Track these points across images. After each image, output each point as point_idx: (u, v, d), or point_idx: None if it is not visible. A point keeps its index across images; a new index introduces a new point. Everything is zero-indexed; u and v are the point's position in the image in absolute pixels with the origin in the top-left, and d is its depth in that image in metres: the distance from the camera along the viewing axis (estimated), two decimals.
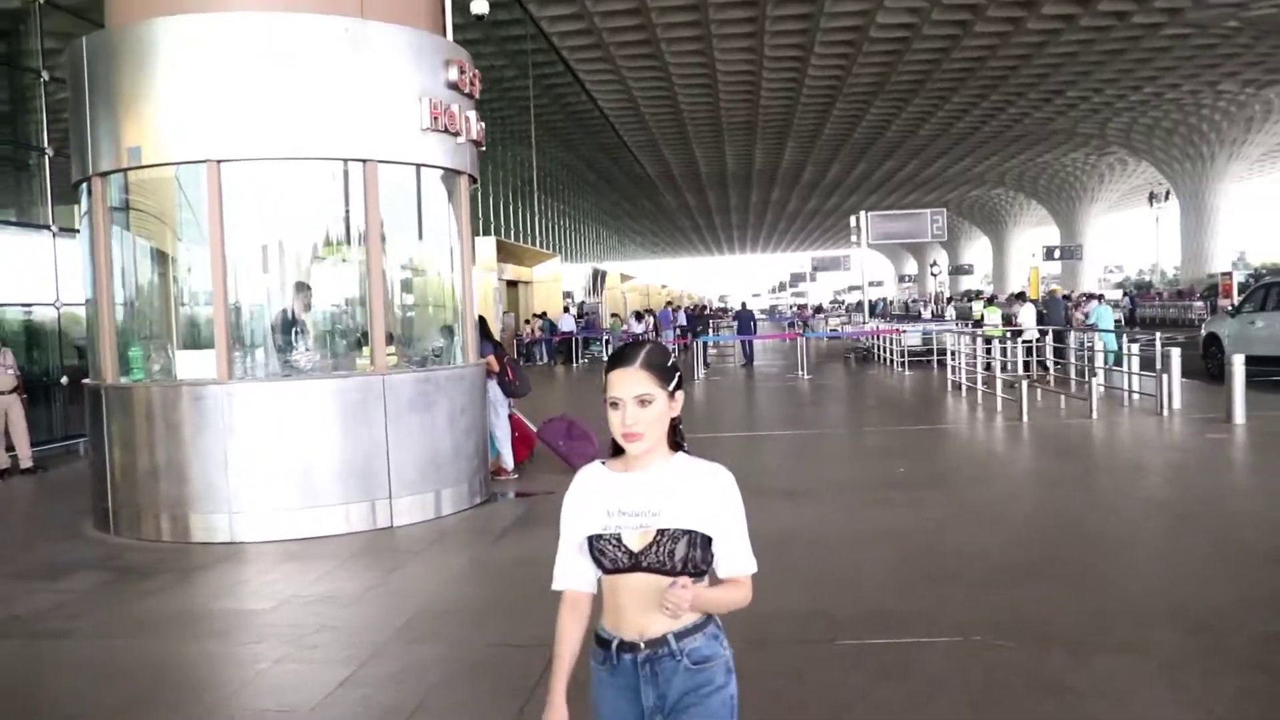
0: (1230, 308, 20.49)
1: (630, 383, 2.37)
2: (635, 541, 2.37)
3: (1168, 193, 50.70)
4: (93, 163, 8.77)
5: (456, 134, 9.23)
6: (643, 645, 2.39)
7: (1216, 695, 4.61)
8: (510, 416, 11.05)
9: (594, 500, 2.45)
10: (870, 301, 40.19)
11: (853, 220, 32.88)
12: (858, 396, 19.61)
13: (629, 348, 2.46)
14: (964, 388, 17.67)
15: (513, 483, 10.61)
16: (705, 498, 2.40)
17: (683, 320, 39.55)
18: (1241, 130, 44.94)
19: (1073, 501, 9.12)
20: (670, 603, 2.25)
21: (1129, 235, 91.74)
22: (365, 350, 8.98)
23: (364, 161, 8.67)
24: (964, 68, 38.16)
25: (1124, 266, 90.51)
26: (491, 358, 10.48)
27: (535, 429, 11.38)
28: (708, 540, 2.37)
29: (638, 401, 2.36)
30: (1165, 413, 13.41)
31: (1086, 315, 20.61)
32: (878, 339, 27.69)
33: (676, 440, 2.46)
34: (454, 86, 9.19)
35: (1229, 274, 37.59)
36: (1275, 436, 11.23)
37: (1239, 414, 12.29)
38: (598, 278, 45.44)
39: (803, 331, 30.40)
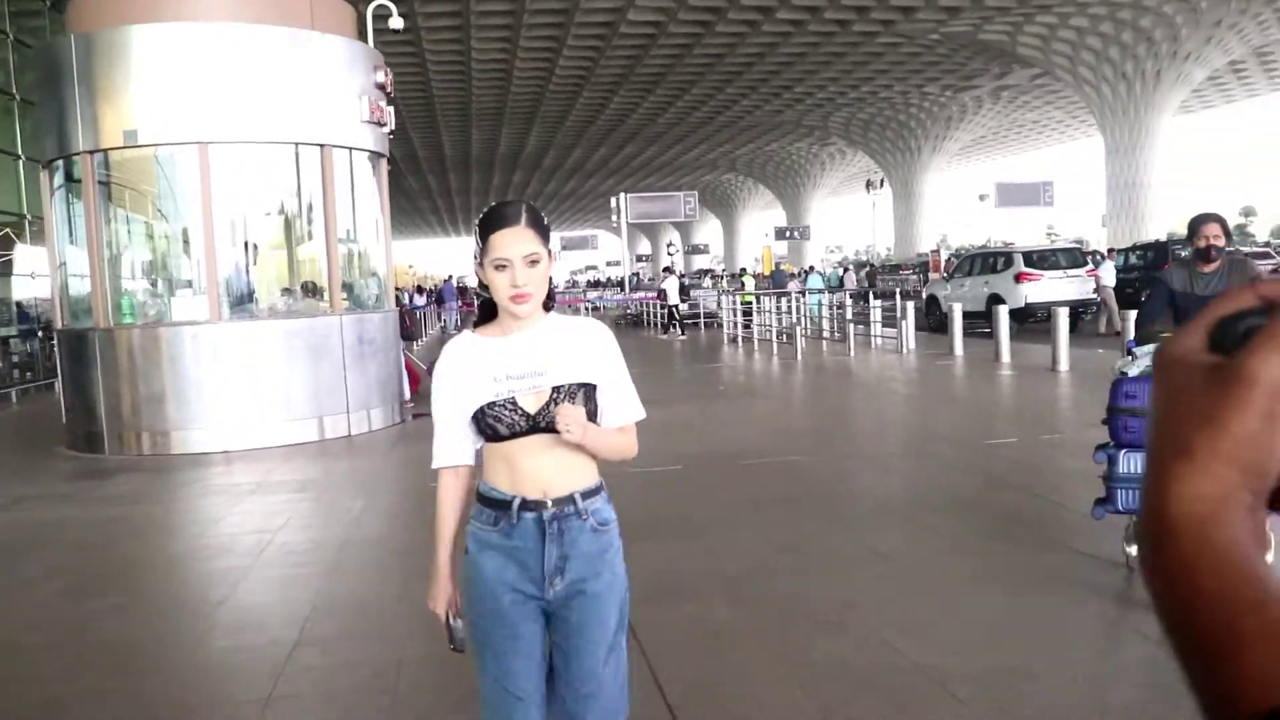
0: (944, 275, 25.61)
1: (519, 242, 2.35)
2: (531, 403, 2.38)
3: (882, 180, 57.47)
4: (83, 142, 10.85)
5: (383, 125, 11.89)
6: (549, 503, 2.40)
7: (970, 463, 8.22)
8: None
9: (476, 369, 2.44)
10: (624, 276, 43.98)
11: (613, 201, 36.44)
12: (650, 348, 23.19)
13: (506, 206, 2.42)
14: (739, 340, 21.58)
15: (409, 409, 13.25)
16: (588, 350, 2.47)
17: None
18: (943, 127, 51.93)
19: (855, 397, 13.06)
20: (565, 420, 2.30)
21: (848, 218, 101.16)
22: (325, 296, 11.50)
23: (321, 146, 11.21)
24: (704, 63, 42.31)
25: (844, 246, 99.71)
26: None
27: (424, 366, 14.08)
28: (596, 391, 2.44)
29: (527, 261, 2.36)
30: (905, 350, 17.66)
31: (804, 281, 26.53)
32: (646, 305, 31.53)
33: (547, 299, 2.48)
34: (380, 87, 11.85)
35: (937, 251, 44.40)
36: (983, 361, 15.52)
37: (959, 347, 16.65)
38: None
39: (587, 298, 33.94)
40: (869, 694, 3.97)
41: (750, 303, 25.03)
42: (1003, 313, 15.55)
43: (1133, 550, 5.13)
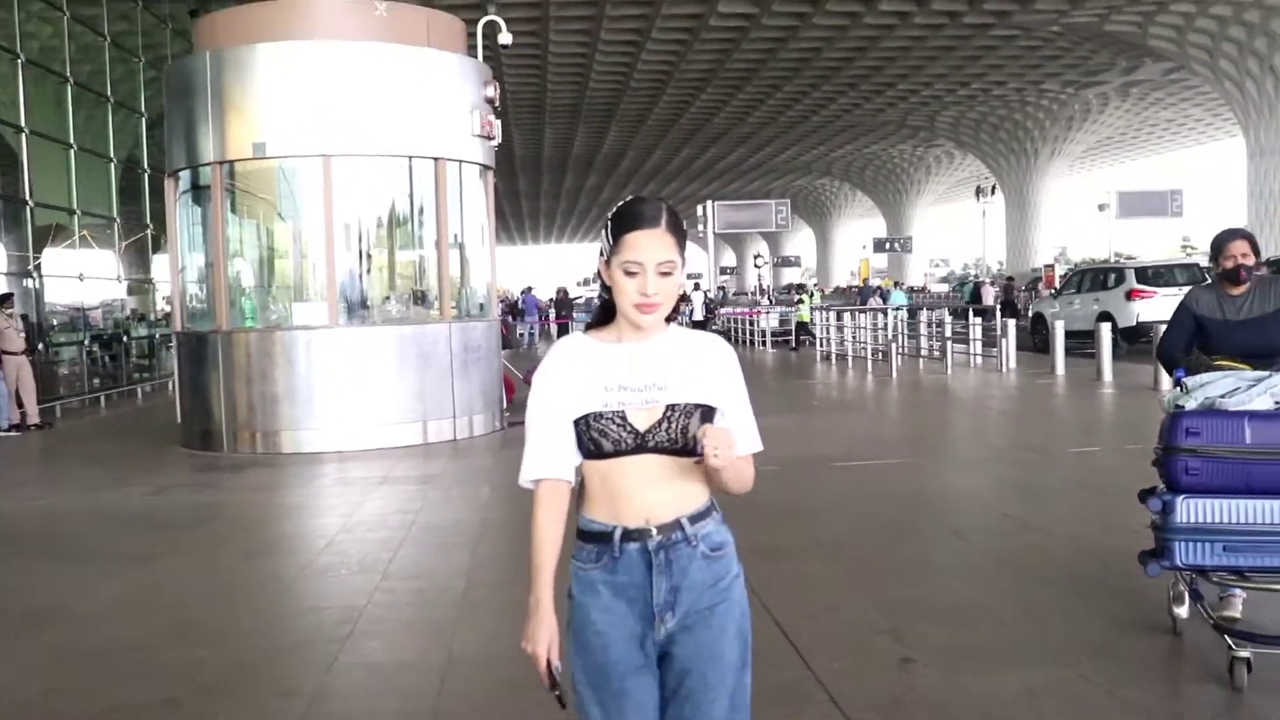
0: (1051, 292, 27.25)
1: (656, 247, 2.41)
2: (642, 419, 2.44)
3: (994, 187, 58.79)
4: (214, 153, 12.98)
5: (491, 138, 13.89)
6: (654, 531, 2.46)
7: (1052, 467, 9.94)
8: None
9: (587, 375, 2.49)
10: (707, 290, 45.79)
11: (699, 209, 38.11)
12: (745, 365, 24.98)
13: (645, 204, 2.47)
14: (832, 357, 23.43)
15: (506, 416, 15.16)
16: (711, 369, 2.54)
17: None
18: (1063, 128, 53.23)
19: (948, 411, 14.88)
20: (715, 442, 2.32)
21: (954, 228, 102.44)
22: (433, 304, 13.51)
23: (435, 159, 13.23)
24: (799, 58, 44.08)
25: (950, 260, 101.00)
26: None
27: (519, 375, 16.06)
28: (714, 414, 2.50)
29: (660, 270, 2.41)
30: (1005, 370, 19.37)
31: (884, 297, 29.04)
32: (735, 321, 33.50)
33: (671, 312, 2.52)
34: (489, 101, 13.86)
35: (1051, 266, 45.96)
36: (1083, 380, 17.21)
37: (1060, 366, 18.36)
38: None
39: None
40: (933, 620, 5.74)
41: (805, 323, 28.59)
42: (1104, 330, 17.22)
43: (1180, 612, 5.26)
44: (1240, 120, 40.48)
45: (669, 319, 2.53)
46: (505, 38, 14.91)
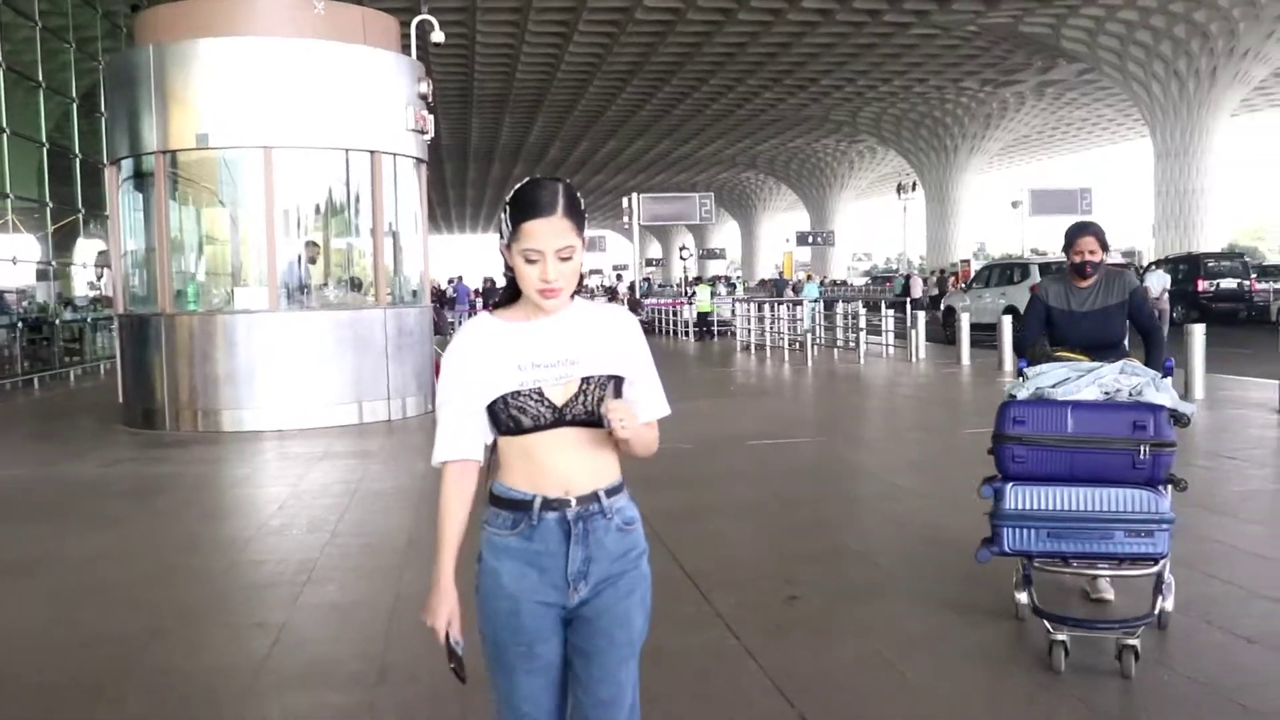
0: (963, 286, 28.65)
1: (553, 234, 2.47)
2: (558, 394, 2.53)
3: (915, 184, 60.44)
4: (156, 142, 13.62)
5: (425, 133, 14.68)
6: (573, 502, 2.56)
7: (942, 444, 10.99)
8: None
9: (498, 355, 2.57)
10: (634, 282, 46.87)
11: (624, 201, 39.10)
12: (668, 354, 26.13)
13: (541, 189, 2.52)
14: (752, 348, 24.54)
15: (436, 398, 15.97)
16: (617, 340, 2.64)
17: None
18: (981, 126, 54.97)
19: (859, 397, 15.96)
20: (618, 414, 2.44)
21: (876, 223, 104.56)
22: (369, 291, 14.29)
23: (371, 152, 14.00)
24: (723, 53, 45.17)
25: (873, 254, 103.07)
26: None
27: None
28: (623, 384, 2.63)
29: (560, 255, 2.49)
30: (914, 360, 20.57)
31: (797, 290, 30.38)
32: (658, 312, 34.60)
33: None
34: (423, 97, 14.64)
35: (967, 261, 47.68)
36: (986, 369, 18.45)
37: (965, 357, 19.61)
38: None
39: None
40: (816, 565, 6.70)
41: (708, 313, 30.63)
42: (1006, 322, 18.41)
43: (1022, 598, 5.25)
44: (1148, 121, 42.19)
45: (574, 295, 2.63)
46: (438, 36, 15.71)
